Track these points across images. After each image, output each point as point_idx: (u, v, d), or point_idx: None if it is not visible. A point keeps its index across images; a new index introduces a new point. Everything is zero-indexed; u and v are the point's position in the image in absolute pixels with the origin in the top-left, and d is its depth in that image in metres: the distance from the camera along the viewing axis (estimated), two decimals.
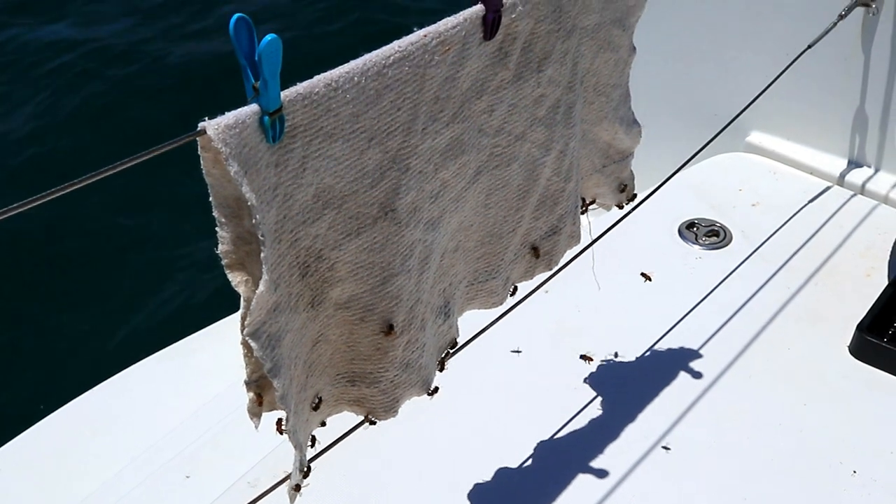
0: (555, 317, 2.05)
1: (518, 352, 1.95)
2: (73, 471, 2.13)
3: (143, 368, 2.36)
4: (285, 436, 1.14)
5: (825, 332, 2.01)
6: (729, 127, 2.00)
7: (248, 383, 1.10)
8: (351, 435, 1.41)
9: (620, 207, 1.73)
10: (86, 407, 2.27)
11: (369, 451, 1.71)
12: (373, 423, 1.41)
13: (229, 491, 1.70)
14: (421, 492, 1.69)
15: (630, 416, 1.80)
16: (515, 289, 1.55)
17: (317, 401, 1.22)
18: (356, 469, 1.71)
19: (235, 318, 2.63)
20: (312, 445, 1.28)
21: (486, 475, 1.70)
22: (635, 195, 1.73)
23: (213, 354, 2.36)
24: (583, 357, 1.88)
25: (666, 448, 1.73)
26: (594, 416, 1.81)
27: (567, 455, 1.73)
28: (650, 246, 2.26)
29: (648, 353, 1.94)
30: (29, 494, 2.08)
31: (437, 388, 1.38)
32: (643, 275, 2.04)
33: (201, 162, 0.98)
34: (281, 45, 0.96)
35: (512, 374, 1.92)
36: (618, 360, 1.93)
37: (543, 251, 1.51)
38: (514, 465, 1.72)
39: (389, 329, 1.20)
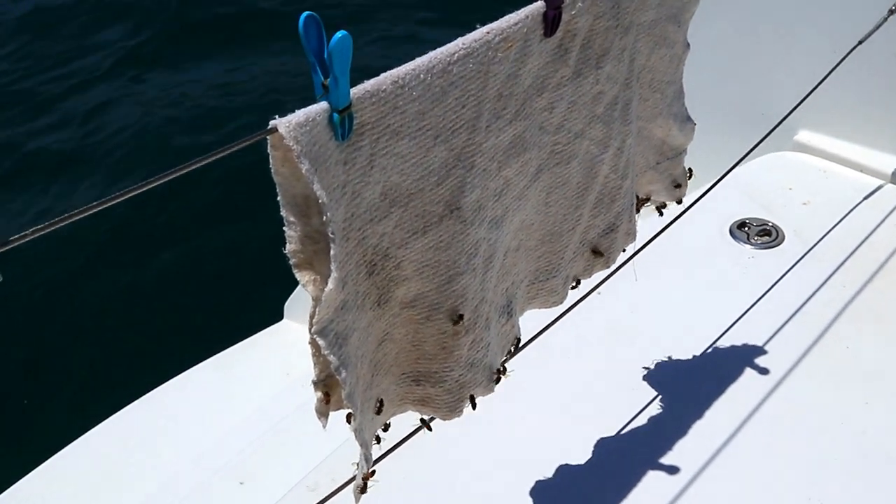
0: (609, 318, 2.03)
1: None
2: (126, 479, 2.15)
3: (191, 377, 2.37)
4: (341, 439, 1.14)
5: (883, 329, 1.98)
6: (778, 127, 1.97)
7: (315, 382, 1.09)
8: (414, 436, 1.40)
9: (679, 202, 1.71)
10: (137, 416, 2.29)
11: (431, 452, 1.70)
12: (430, 428, 1.41)
13: (288, 496, 1.69)
14: (482, 492, 1.69)
15: (689, 418, 1.77)
16: (578, 282, 1.53)
17: (378, 405, 1.22)
18: (419, 470, 1.71)
19: (277, 328, 2.65)
20: (378, 443, 1.28)
21: (545, 477, 1.69)
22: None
23: (260, 362, 2.37)
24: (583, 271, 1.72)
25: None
26: (652, 417, 1.79)
27: (625, 457, 1.71)
28: (701, 247, 2.24)
29: (705, 354, 1.92)
30: (85, 501, 2.09)
31: (499, 377, 1.37)
32: (657, 209, 1.84)
33: (270, 161, 0.98)
34: (351, 41, 0.96)
35: (568, 376, 1.91)
36: (674, 361, 1.90)
37: (603, 249, 1.50)
38: (572, 466, 1.70)
39: (459, 318, 1.20)
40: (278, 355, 2.40)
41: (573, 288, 1.53)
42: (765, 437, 1.74)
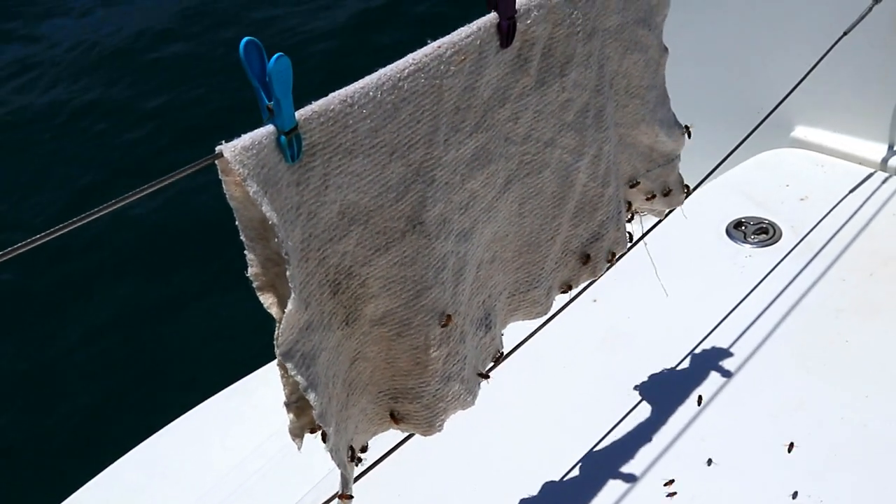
0: (605, 321, 2.03)
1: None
2: None
3: (209, 407, 2.40)
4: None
5: (884, 322, 1.95)
6: (773, 122, 1.97)
7: (287, 405, 1.10)
8: (399, 449, 1.41)
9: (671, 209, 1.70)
10: (155, 448, 2.33)
11: (419, 465, 1.70)
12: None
13: None
14: (477, 501, 1.68)
15: (687, 417, 1.77)
16: (569, 287, 1.53)
17: (351, 451, 1.23)
18: (412, 480, 1.71)
19: None
20: (354, 461, 1.27)
21: (541, 484, 1.68)
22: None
23: (274, 389, 2.40)
24: (669, 495, 1.69)
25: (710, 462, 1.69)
26: (650, 417, 1.78)
27: (625, 455, 1.71)
28: (698, 247, 2.22)
29: (703, 354, 1.90)
30: None
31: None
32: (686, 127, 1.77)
33: (224, 186, 0.99)
34: (290, 63, 0.97)
35: (565, 383, 1.91)
36: (672, 362, 1.90)
37: (593, 257, 1.50)
38: (567, 472, 1.70)
39: (448, 319, 1.20)
40: None
41: (563, 292, 1.52)
42: (766, 434, 1.73)
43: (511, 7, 1.19)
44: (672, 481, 1.64)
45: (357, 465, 1.26)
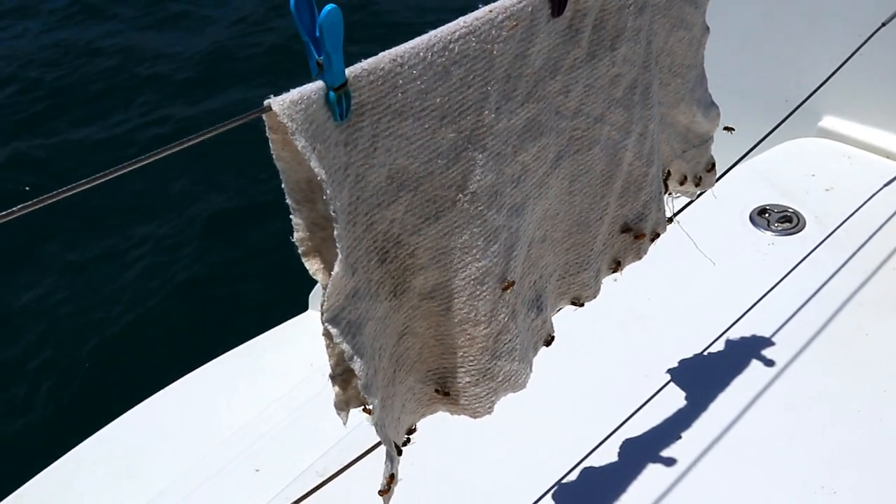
0: (627, 305, 2.00)
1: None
2: (149, 467, 2.19)
3: (217, 366, 2.40)
4: (350, 427, 1.10)
5: None
6: (801, 112, 1.94)
7: (332, 377, 1.06)
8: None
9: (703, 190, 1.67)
10: (160, 405, 2.34)
11: (446, 440, 1.69)
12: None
13: (297, 480, 1.69)
14: (499, 482, 1.67)
15: (705, 405, 1.74)
16: (618, 265, 1.50)
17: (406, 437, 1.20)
18: (432, 460, 1.68)
19: (302, 319, 2.68)
20: (406, 445, 1.23)
21: (561, 465, 1.66)
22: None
23: (285, 353, 2.39)
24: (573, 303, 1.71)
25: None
26: (668, 404, 1.76)
27: (642, 444, 1.69)
28: (721, 233, 2.20)
29: (722, 340, 1.88)
30: (107, 488, 2.13)
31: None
32: (727, 128, 1.78)
33: (270, 146, 0.96)
34: (341, 15, 0.94)
35: (582, 363, 1.89)
36: (691, 348, 1.86)
37: (635, 236, 1.45)
38: (584, 458, 1.67)
39: (510, 284, 1.17)
40: (302, 345, 2.44)
41: (613, 271, 1.49)
42: (782, 424, 1.71)
43: None
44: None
45: (405, 446, 1.22)
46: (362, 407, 1.07)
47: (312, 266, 1.01)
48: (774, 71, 2.62)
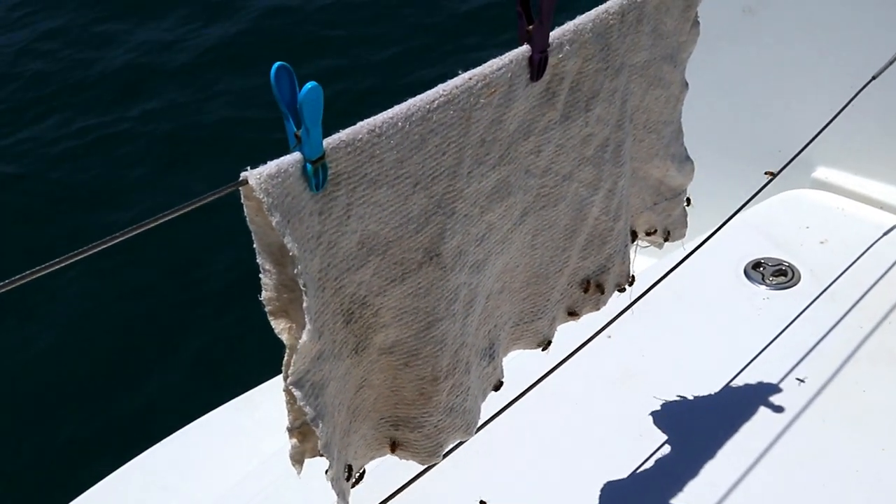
0: (619, 361, 1.98)
1: (801, 380, 1.88)
2: None
3: (213, 419, 2.36)
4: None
5: None
6: (794, 164, 1.93)
7: (290, 430, 1.08)
8: (418, 482, 1.38)
9: (665, 241, 1.68)
10: (158, 458, 2.28)
11: (439, 496, 1.65)
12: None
13: None
14: None
15: (700, 463, 1.73)
16: (575, 313, 1.51)
17: (348, 470, 1.21)
18: None
19: None
20: (350, 482, 1.26)
21: None
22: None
23: (281, 404, 2.36)
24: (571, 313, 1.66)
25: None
26: (662, 462, 1.75)
27: (632, 502, 1.68)
28: (715, 287, 2.19)
29: (717, 397, 1.87)
30: None
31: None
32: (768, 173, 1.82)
33: (244, 210, 0.97)
34: (322, 92, 0.95)
35: (577, 420, 1.88)
36: (685, 405, 1.86)
37: (592, 290, 1.48)
38: None
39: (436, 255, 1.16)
40: None
41: (571, 315, 1.51)
42: (778, 483, 1.71)
43: (545, 40, 1.17)
44: None
45: (353, 487, 1.25)
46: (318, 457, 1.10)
47: (279, 325, 1.03)
48: (767, 122, 2.61)
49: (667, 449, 1.77)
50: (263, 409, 2.34)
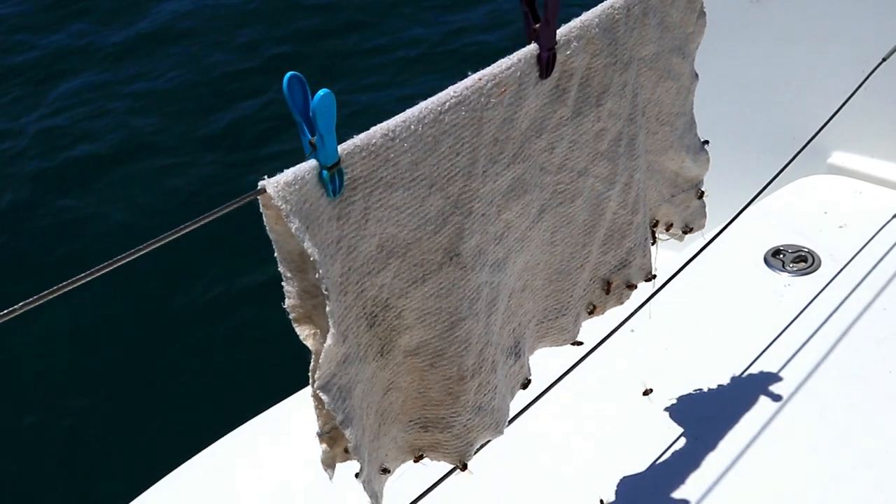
0: (642, 352, 1.99)
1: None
2: None
3: (241, 435, 2.35)
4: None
5: None
6: (809, 149, 1.93)
7: (320, 435, 1.10)
8: (434, 490, 1.39)
9: (687, 232, 1.69)
10: (190, 475, 2.27)
11: (462, 495, 1.64)
12: (465, 468, 1.38)
13: None
14: None
15: (725, 447, 1.73)
16: (594, 309, 1.52)
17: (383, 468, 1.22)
18: None
19: None
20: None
21: None
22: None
23: (310, 416, 2.35)
24: (645, 393, 1.81)
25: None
26: (693, 454, 1.75)
27: (659, 494, 1.68)
28: (736, 276, 2.18)
29: (742, 385, 1.87)
30: None
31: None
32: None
33: (264, 219, 0.99)
34: (334, 99, 0.97)
35: (601, 414, 1.88)
36: (709, 394, 1.86)
37: (615, 285, 1.49)
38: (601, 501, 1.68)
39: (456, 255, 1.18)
40: None
41: (590, 314, 1.52)
42: (806, 468, 1.70)
43: (551, 38, 1.19)
44: None
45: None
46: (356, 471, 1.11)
47: (303, 332, 1.05)
48: (779, 109, 2.61)
49: (695, 441, 1.77)
50: (292, 422, 2.33)
